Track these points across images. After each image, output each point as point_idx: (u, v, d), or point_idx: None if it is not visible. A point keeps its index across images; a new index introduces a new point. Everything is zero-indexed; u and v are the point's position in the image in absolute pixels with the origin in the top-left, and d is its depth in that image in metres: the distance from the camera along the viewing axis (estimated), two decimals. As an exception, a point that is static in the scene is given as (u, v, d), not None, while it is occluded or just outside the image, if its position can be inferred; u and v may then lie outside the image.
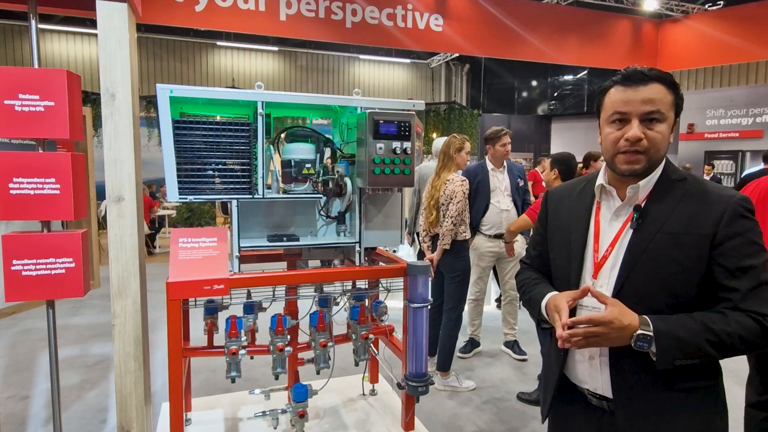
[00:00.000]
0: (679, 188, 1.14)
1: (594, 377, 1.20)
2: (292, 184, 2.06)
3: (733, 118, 11.28)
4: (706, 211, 1.09)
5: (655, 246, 1.11)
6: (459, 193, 3.18)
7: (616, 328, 1.04)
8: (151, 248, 8.69)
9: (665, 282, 1.10)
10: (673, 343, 1.03)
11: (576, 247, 1.24)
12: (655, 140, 1.11)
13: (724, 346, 1.03)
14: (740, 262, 1.06)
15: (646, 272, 1.11)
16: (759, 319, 1.03)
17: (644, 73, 1.11)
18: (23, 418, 2.93)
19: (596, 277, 1.19)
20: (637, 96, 1.11)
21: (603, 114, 1.19)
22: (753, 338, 1.03)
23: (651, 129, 1.11)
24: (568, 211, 1.31)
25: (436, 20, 8.85)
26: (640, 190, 1.15)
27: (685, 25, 10.53)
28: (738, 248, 1.06)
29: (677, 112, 1.15)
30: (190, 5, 7.31)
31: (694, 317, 1.06)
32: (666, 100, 1.11)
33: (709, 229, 1.08)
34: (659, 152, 1.13)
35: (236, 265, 1.93)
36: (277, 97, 1.95)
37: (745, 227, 1.07)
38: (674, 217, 1.11)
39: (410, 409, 2.17)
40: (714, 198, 1.10)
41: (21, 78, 1.76)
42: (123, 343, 1.93)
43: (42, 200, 1.81)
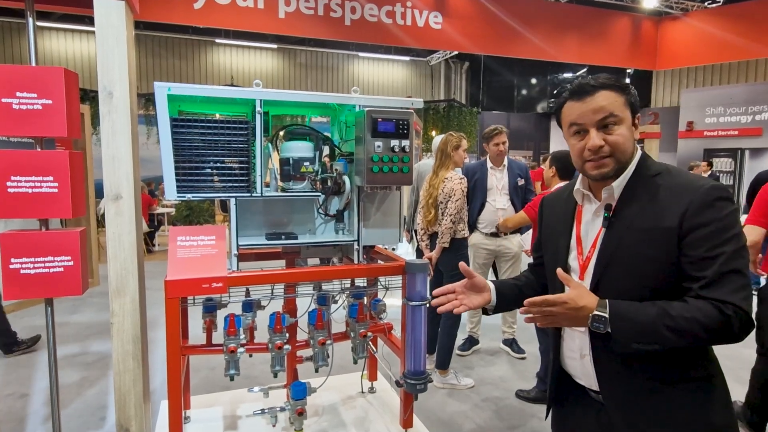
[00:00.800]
0: (652, 183, 1.15)
1: (587, 374, 1.24)
2: (290, 182, 2.05)
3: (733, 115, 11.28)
4: (674, 203, 1.10)
5: (626, 243, 1.13)
6: (458, 191, 3.19)
7: (571, 308, 1.08)
8: (150, 246, 8.69)
9: (640, 277, 1.12)
10: (628, 325, 1.05)
11: (562, 251, 1.29)
12: (617, 143, 1.14)
13: (682, 332, 1.03)
14: (707, 252, 1.05)
15: (620, 269, 1.14)
16: (719, 306, 1.02)
17: (590, 84, 1.15)
18: (22, 416, 2.93)
19: (583, 278, 1.23)
20: (588, 107, 1.15)
21: (564, 128, 1.24)
22: (713, 325, 1.02)
23: (610, 134, 1.14)
24: (556, 217, 1.36)
25: (435, 18, 8.85)
26: (614, 190, 1.18)
27: (684, 23, 10.53)
28: (705, 238, 1.06)
29: (634, 111, 1.17)
30: (189, 2, 7.30)
31: (655, 303, 1.07)
32: (618, 103, 1.14)
33: (674, 221, 1.08)
34: (625, 152, 1.16)
35: (235, 263, 1.93)
36: (276, 95, 1.95)
37: (713, 216, 1.06)
38: (644, 212, 1.13)
39: (409, 406, 2.18)
40: (681, 189, 1.11)
41: (18, 76, 1.76)
42: (122, 341, 1.93)
43: (40, 198, 1.81)
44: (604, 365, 1.18)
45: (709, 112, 11.60)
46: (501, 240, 3.72)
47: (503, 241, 3.73)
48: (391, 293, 2.19)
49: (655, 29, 10.81)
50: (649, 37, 10.77)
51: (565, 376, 1.32)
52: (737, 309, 1.02)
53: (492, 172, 3.74)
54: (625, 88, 1.16)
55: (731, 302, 1.02)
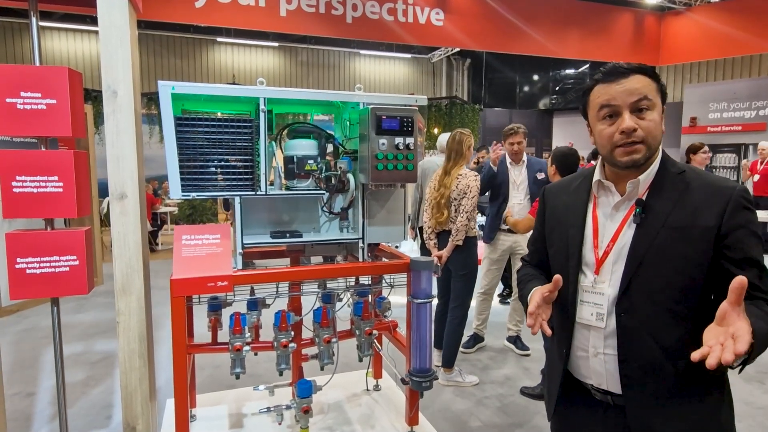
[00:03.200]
0: (679, 181, 1.13)
1: (599, 373, 1.19)
2: (294, 180, 2.05)
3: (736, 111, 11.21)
4: (708, 203, 1.08)
5: (661, 241, 1.10)
6: (473, 187, 3.19)
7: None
8: (154, 245, 8.71)
9: (673, 277, 1.09)
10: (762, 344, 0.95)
11: (573, 243, 1.23)
12: (650, 128, 1.10)
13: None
14: (746, 254, 1.05)
15: (653, 268, 1.10)
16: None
17: (624, 67, 1.12)
18: (29, 415, 2.94)
19: (598, 273, 1.18)
20: (622, 88, 1.11)
21: (591, 112, 1.18)
22: None
23: (643, 118, 1.10)
24: (565, 207, 1.30)
25: (437, 14, 8.82)
26: (640, 183, 1.14)
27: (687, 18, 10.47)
28: (743, 240, 1.06)
29: (663, 100, 1.14)
30: (190, 1, 7.30)
31: (752, 313, 0.96)
32: (651, 87, 1.11)
33: (713, 221, 1.07)
34: (656, 139, 1.12)
35: (239, 261, 1.93)
36: (279, 94, 1.94)
37: (747, 219, 1.07)
38: (677, 210, 1.10)
39: (414, 404, 2.18)
40: (715, 190, 1.09)
41: (22, 76, 1.76)
42: (127, 340, 1.94)
43: (45, 198, 1.81)
44: (631, 367, 1.13)
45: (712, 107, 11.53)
46: (516, 236, 3.72)
47: (518, 237, 3.72)
48: (396, 291, 2.19)
49: (658, 24, 10.75)
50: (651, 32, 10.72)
51: (568, 377, 1.28)
52: None
53: (511, 167, 3.76)
54: (658, 77, 1.14)
55: None
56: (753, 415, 2.98)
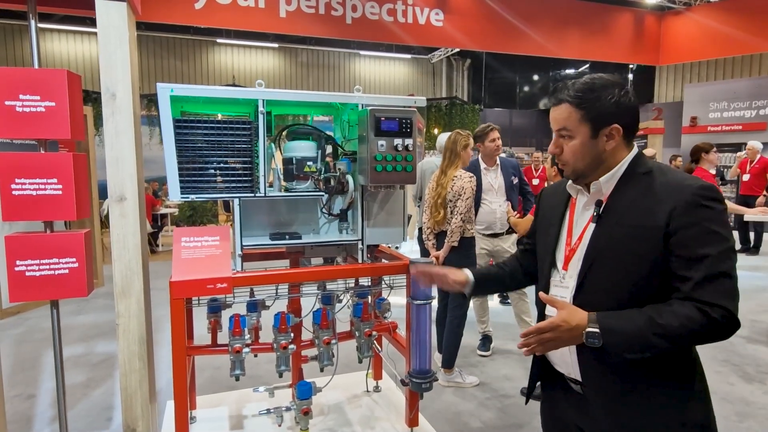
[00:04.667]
0: (642, 181, 1.18)
1: (567, 363, 1.26)
2: (293, 182, 2.05)
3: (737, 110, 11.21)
4: (663, 202, 1.12)
5: (615, 238, 1.16)
6: (468, 189, 3.18)
7: (564, 330, 1.10)
8: (154, 246, 8.71)
9: (626, 273, 1.14)
10: (620, 338, 1.07)
11: (551, 241, 1.33)
12: (567, 154, 1.23)
13: (670, 339, 1.05)
14: (694, 252, 1.07)
15: (608, 264, 1.16)
16: (706, 310, 1.04)
17: (556, 96, 1.24)
18: (29, 417, 2.95)
19: (566, 268, 1.26)
20: (552, 115, 1.26)
21: None
22: (698, 329, 1.04)
23: (565, 144, 1.23)
24: (551, 208, 1.39)
25: (436, 15, 8.83)
26: (602, 185, 1.22)
27: (687, 18, 10.47)
28: (693, 238, 1.07)
29: (598, 121, 1.19)
30: (190, 3, 7.30)
31: (642, 312, 1.08)
32: (572, 118, 1.20)
33: (662, 220, 1.10)
34: (579, 162, 1.22)
35: (239, 263, 1.93)
36: (278, 95, 1.94)
37: (702, 216, 1.08)
38: (634, 209, 1.15)
39: (414, 405, 2.18)
40: (671, 188, 1.13)
41: (21, 79, 1.76)
42: (127, 342, 1.94)
43: (44, 201, 1.81)
44: (587, 358, 1.19)
45: (712, 107, 11.53)
46: (497, 240, 3.72)
47: (499, 241, 3.72)
48: (396, 292, 2.18)
49: (658, 24, 10.75)
50: (651, 32, 10.72)
51: (547, 364, 1.35)
52: (724, 312, 1.03)
53: (486, 172, 3.72)
54: (586, 102, 1.18)
55: (719, 305, 1.03)
56: (754, 416, 2.97)
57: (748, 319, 4.78)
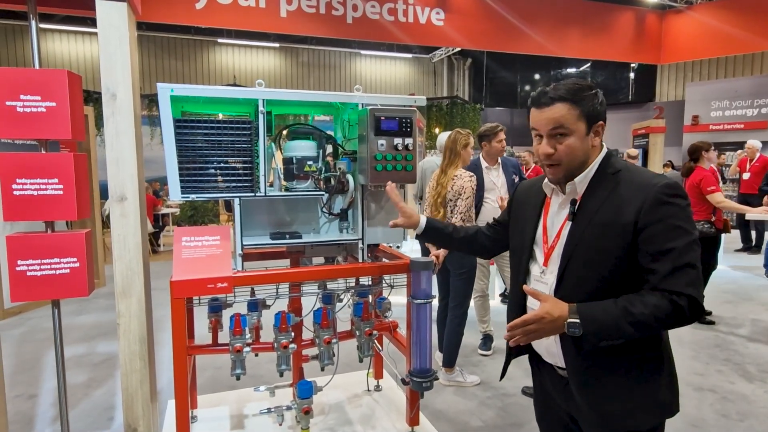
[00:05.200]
0: (612, 181, 1.25)
1: (554, 354, 1.33)
2: (294, 181, 2.06)
3: (738, 109, 11.19)
4: (631, 200, 1.19)
5: (587, 236, 1.23)
6: (468, 188, 3.17)
7: (548, 321, 1.17)
8: (155, 246, 8.72)
9: (596, 267, 1.22)
10: (597, 327, 1.15)
11: (527, 238, 1.40)
12: (563, 153, 1.25)
13: (641, 326, 1.14)
14: (660, 247, 1.15)
15: (581, 260, 1.24)
16: (673, 299, 1.13)
17: (548, 95, 1.25)
18: (30, 417, 2.95)
19: (546, 265, 1.33)
20: (543, 116, 1.26)
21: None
22: (665, 317, 1.13)
23: (560, 143, 1.25)
24: (527, 205, 1.46)
25: (437, 15, 8.81)
26: (576, 185, 1.28)
27: (688, 16, 10.44)
28: (659, 233, 1.16)
29: (591, 118, 1.25)
30: (191, 3, 7.30)
31: (617, 302, 1.17)
32: (570, 115, 1.23)
33: (631, 218, 1.18)
34: (574, 160, 1.26)
35: (240, 263, 1.93)
36: (278, 95, 1.95)
37: (666, 213, 1.16)
38: (604, 208, 1.23)
39: (415, 404, 2.18)
40: (637, 187, 1.20)
41: (22, 79, 1.77)
42: (128, 341, 1.94)
43: (45, 201, 1.81)
44: (568, 346, 1.26)
45: (714, 105, 11.51)
46: None
47: None
48: (396, 291, 2.19)
49: (659, 23, 10.73)
50: (652, 30, 10.69)
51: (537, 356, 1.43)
52: (690, 299, 1.13)
53: (487, 171, 3.72)
54: (581, 100, 1.24)
55: (685, 293, 1.13)
56: (755, 414, 2.97)
57: (749, 318, 4.77)
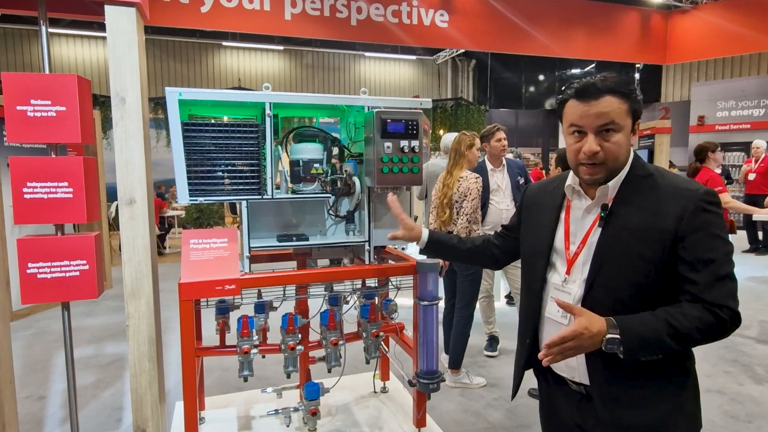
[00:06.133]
0: (644, 185, 1.19)
1: (572, 368, 1.26)
2: (300, 184, 2.07)
3: (745, 109, 11.12)
4: (670, 205, 1.14)
5: (621, 242, 1.16)
6: (474, 190, 3.18)
7: (587, 337, 1.09)
8: (162, 248, 8.77)
9: (630, 275, 1.15)
10: (638, 343, 1.09)
11: (544, 243, 1.31)
12: (611, 150, 1.16)
13: (683, 339, 1.09)
14: (700, 255, 1.10)
15: (613, 267, 1.17)
16: (716, 311, 1.08)
17: (597, 87, 1.15)
18: (40, 418, 2.98)
19: (569, 273, 1.25)
20: (591, 110, 1.15)
21: (563, 125, 1.24)
22: (708, 330, 1.09)
23: (607, 140, 1.16)
24: (540, 209, 1.38)
25: (441, 16, 8.82)
26: (609, 190, 1.21)
27: (694, 16, 10.40)
28: (699, 242, 1.11)
29: (636, 115, 1.19)
30: (196, 6, 7.34)
31: (657, 315, 1.11)
32: (620, 110, 1.15)
33: (671, 225, 1.12)
34: (618, 160, 1.18)
35: (247, 265, 1.95)
36: (285, 98, 1.96)
37: (706, 221, 1.11)
38: (639, 213, 1.16)
39: (422, 406, 2.18)
40: (676, 193, 1.15)
41: (33, 84, 1.79)
42: (137, 343, 1.96)
43: (55, 204, 1.83)
44: (595, 361, 1.20)
45: (720, 105, 11.44)
46: None
47: None
48: (403, 293, 2.19)
49: (665, 23, 10.68)
50: (658, 31, 10.65)
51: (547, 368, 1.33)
52: (731, 312, 1.09)
53: (492, 173, 3.73)
54: (631, 94, 1.17)
55: (727, 306, 1.09)
56: (764, 416, 2.95)
57: (757, 319, 4.74)
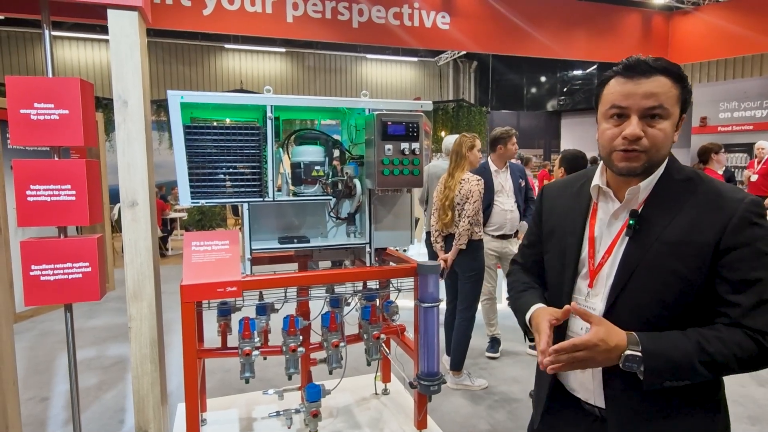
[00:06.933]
0: (682, 190, 1.04)
1: (586, 387, 1.14)
2: (301, 186, 2.08)
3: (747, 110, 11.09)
4: (710, 216, 0.99)
5: (653, 256, 1.02)
6: (475, 192, 3.18)
7: (602, 350, 0.97)
8: (164, 250, 8.79)
9: (661, 293, 1.02)
10: (663, 365, 0.96)
11: (571, 252, 1.15)
12: (656, 138, 1.01)
13: (717, 367, 0.96)
14: (745, 275, 0.96)
15: (642, 283, 1.03)
16: (758, 339, 0.95)
17: (648, 64, 1.00)
18: (43, 420, 2.99)
19: (592, 286, 1.11)
20: (638, 89, 1.00)
21: (601, 107, 1.08)
22: (748, 359, 0.96)
23: (652, 126, 1.01)
24: (564, 212, 1.21)
25: (443, 18, 8.83)
26: (640, 191, 1.06)
27: (696, 17, 10.39)
28: (744, 260, 0.97)
29: (683, 108, 1.04)
30: (198, 9, 7.38)
31: (688, 336, 0.98)
32: (671, 95, 1.00)
33: (712, 238, 0.98)
34: (660, 152, 1.02)
35: (248, 267, 1.95)
36: (286, 101, 1.97)
37: (754, 236, 0.97)
38: (675, 223, 1.02)
39: (423, 407, 2.18)
40: (721, 202, 1.00)
41: (36, 87, 1.80)
42: (139, 345, 1.97)
43: (58, 206, 1.84)
44: (614, 385, 1.07)
45: (722, 107, 11.42)
46: (506, 242, 3.75)
47: (507, 243, 3.76)
48: (404, 295, 2.19)
49: (666, 24, 10.68)
50: (659, 32, 10.65)
51: (557, 385, 1.22)
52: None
53: (496, 174, 3.74)
54: (684, 79, 1.02)
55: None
56: (767, 419, 2.94)
57: (760, 320, 4.73)
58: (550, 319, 1.07)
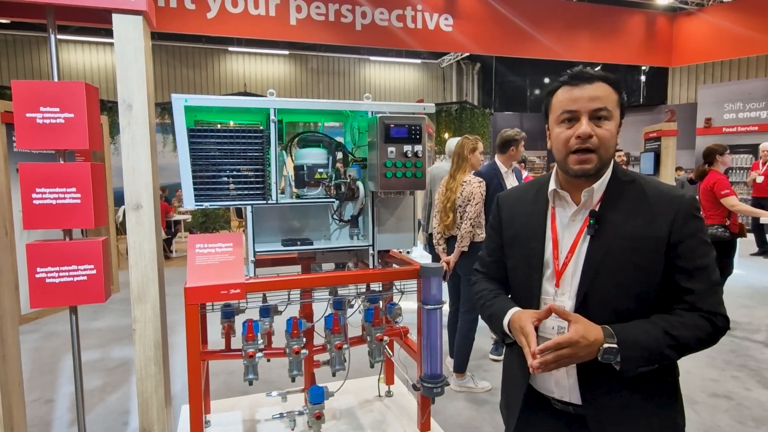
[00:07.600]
0: (630, 190, 1.15)
1: (561, 386, 1.19)
2: (305, 188, 2.08)
3: (752, 111, 11.06)
4: (659, 212, 1.11)
5: (616, 251, 1.11)
6: (477, 194, 3.18)
7: (583, 346, 1.04)
8: (168, 252, 8.82)
9: (627, 286, 1.11)
10: (637, 353, 1.05)
11: (536, 255, 1.22)
12: (604, 137, 1.11)
13: (681, 348, 1.08)
14: (694, 263, 1.09)
15: (608, 278, 1.11)
16: (712, 319, 1.08)
17: (590, 73, 1.14)
18: (48, 421, 3.00)
19: (558, 286, 1.18)
20: (584, 94, 1.12)
21: (552, 115, 1.19)
22: (707, 337, 1.09)
23: (600, 126, 1.12)
24: (524, 218, 1.28)
25: (445, 20, 8.84)
26: (594, 192, 1.15)
27: (700, 18, 10.36)
28: (692, 249, 1.09)
29: (622, 113, 1.17)
30: (202, 12, 7.41)
31: (655, 323, 1.08)
32: (612, 98, 1.13)
33: (664, 231, 1.10)
34: (608, 151, 1.13)
35: (252, 269, 1.96)
36: (289, 104, 1.98)
37: (697, 227, 1.10)
38: (631, 220, 1.12)
39: (426, 410, 2.18)
40: (666, 199, 1.12)
41: (42, 91, 1.82)
42: (143, 347, 1.98)
43: (64, 209, 1.86)
44: (590, 378, 1.14)
45: (727, 108, 11.39)
46: None
47: None
48: (407, 297, 2.20)
49: (670, 25, 10.66)
50: (663, 33, 10.62)
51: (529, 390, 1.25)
52: (724, 319, 1.10)
53: (506, 175, 3.74)
54: (619, 86, 1.15)
55: (721, 313, 1.09)
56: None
57: (765, 323, 4.70)
58: (532, 320, 1.13)
